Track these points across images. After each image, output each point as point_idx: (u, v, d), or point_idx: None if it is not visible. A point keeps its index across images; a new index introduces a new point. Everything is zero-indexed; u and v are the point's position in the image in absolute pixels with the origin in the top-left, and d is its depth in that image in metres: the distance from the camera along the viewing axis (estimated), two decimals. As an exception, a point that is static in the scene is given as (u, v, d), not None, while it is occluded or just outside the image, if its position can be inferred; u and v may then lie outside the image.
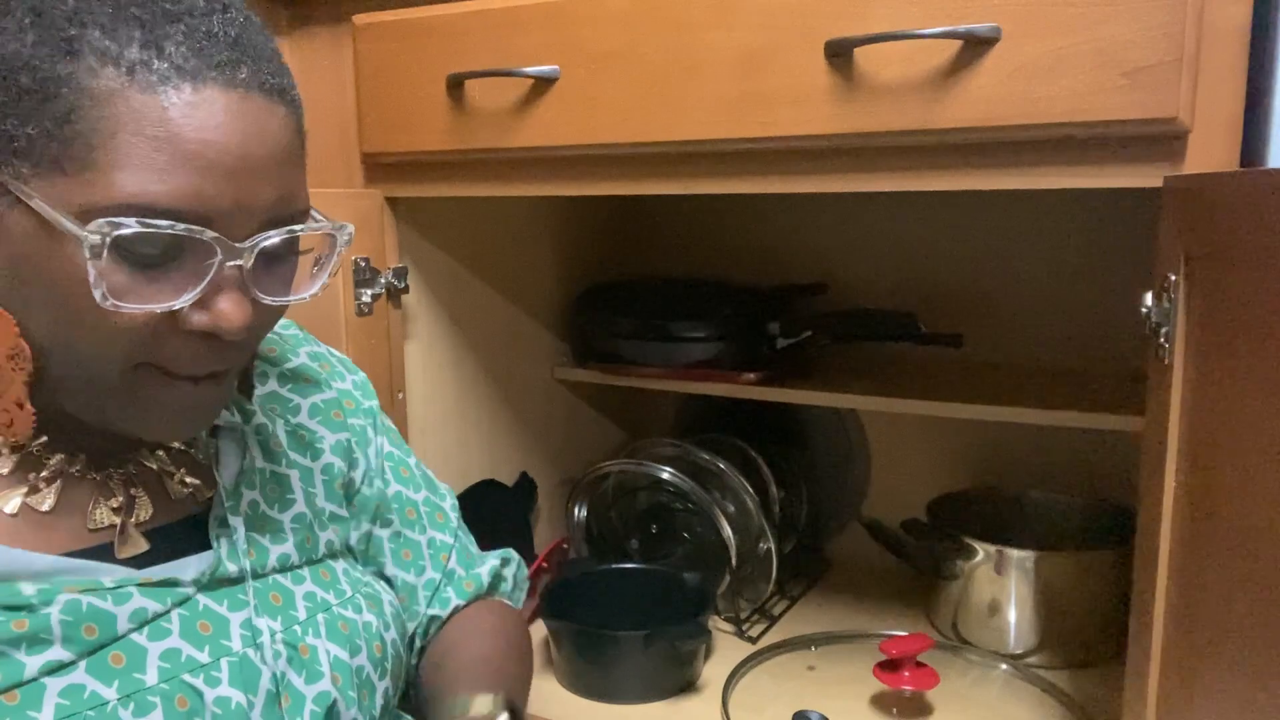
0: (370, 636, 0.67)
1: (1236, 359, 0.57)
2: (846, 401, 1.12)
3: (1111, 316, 1.17)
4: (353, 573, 0.71)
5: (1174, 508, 0.65)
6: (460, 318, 1.16)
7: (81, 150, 0.48)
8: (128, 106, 0.48)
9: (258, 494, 0.67)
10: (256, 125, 0.51)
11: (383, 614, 0.69)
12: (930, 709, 0.98)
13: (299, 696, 0.61)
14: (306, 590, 0.66)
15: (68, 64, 0.48)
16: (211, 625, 0.59)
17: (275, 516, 0.67)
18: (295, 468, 0.70)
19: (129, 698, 0.54)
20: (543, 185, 0.94)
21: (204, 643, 0.59)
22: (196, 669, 0.57)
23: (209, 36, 0.51)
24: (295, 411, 0.73)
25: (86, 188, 0.49)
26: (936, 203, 1.26)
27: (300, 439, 0.72)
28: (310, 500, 0.70)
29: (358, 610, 0.67)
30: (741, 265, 1.39)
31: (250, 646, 0.60)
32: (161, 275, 0.51)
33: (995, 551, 1.08)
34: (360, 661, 0.65)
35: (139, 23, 0.49)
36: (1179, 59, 0.66)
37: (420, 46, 0.94)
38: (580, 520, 1.29)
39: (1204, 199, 0.61)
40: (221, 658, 0.59)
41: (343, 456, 0.74)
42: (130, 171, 0.48)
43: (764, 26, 0.78)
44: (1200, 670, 0.62)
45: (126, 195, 0.49)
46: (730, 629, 1.16)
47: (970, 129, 0.73)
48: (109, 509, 0.59)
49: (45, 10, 0.49)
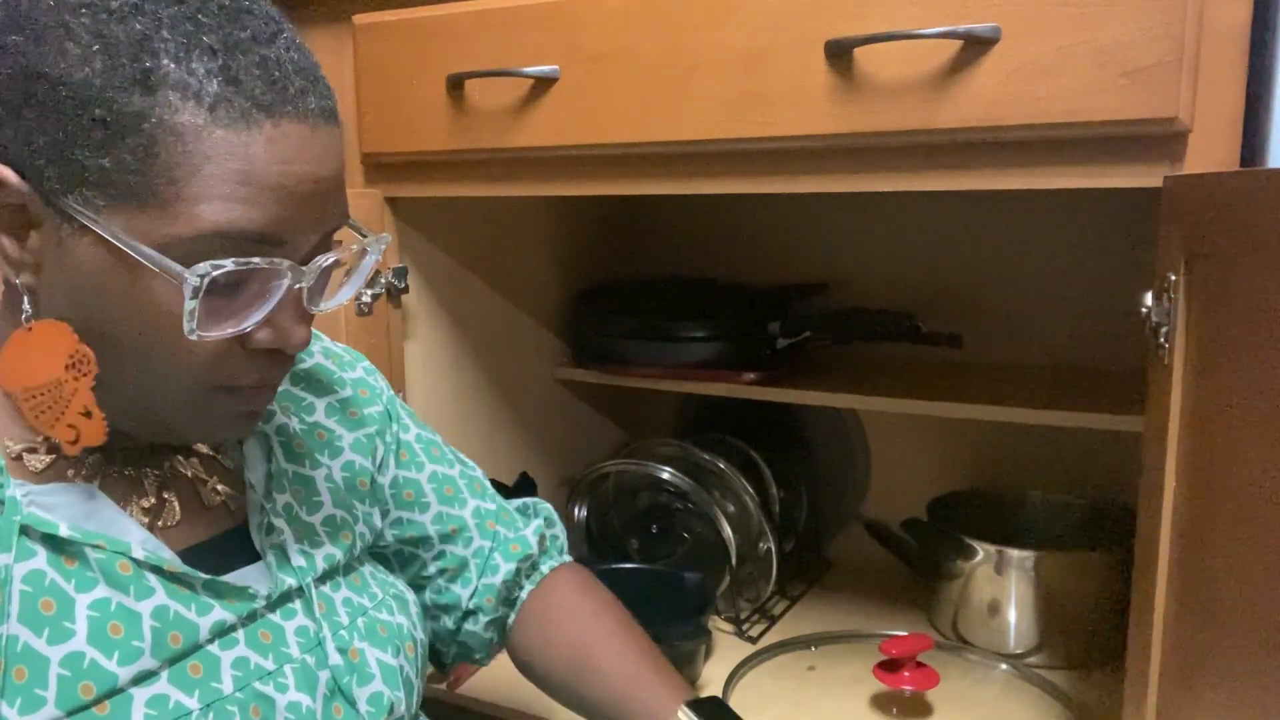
0: (404, 638, 0.68)
1: (1236, 359, 0.57)
2: (846, 401, 1.12)
3: (1111, 316, 1.17)
4: (379, 575, 0.72)
5: (1174, 508, 0.65)
6: (460, 318, 1.16)
7: (164, 184, 0.49)
8: (212, 142, 0.49)
9: (289, 498, 0.67)
10: (324, 151, 0.53)
11: (410, 615, 0.70)
12: (930, 709, 0.98)
13: (354, 699, 0.63)
14: (344, 596, 0.66)
15: (145, 98, 0.48)
16: (271, 634, 0.61)
17: (308, 520, 0.67)
18: (320, 467, 0.70)
19: (209, 707, 0.55)
20: (543, 185, 0.94)
21: (267, 651, 0.60)
22: (265, 677, 0.59)
23: (279, 66, 0.52)
24: (311, 410, 0.73)
25: (170, 220, 0.50)
26: (936, 202, 1.26)
27: (319, 438, 0.72)
28: (338, 500, 0.70)
29: (391, 613, 0.69)
30: (741, 265, 1.39)
31: (307, 653, 0.62)
32: (231, 299, 0.53)
33: (995, 551, 1.08)
34: (401, 662, 0.67)
35: (211, 52, 0.50)
36: (1179, 59, 0.66)
37: (420, 46, 0.94)
38: (580, 520, 1.29)
39: (1204, 199, 0.61)
40: (285, 664, 0.60)
41: (365, 454, 0.74)
42: (215, 204, 0.50)
43: (764, 26, 0.78)
44: (1200, 670, 0.62)
45: (210, 226, 0.50)
46: (730, 629, 1.16)
47: (970, 129, 0.73)
48: (140, 508, 0.59)
49: (110, 36, 0.49)
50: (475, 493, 0.82)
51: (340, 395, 0.75)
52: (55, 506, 0.54)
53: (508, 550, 0.81)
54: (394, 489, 0.77)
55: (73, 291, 0.53)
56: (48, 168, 0.50)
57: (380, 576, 0.72)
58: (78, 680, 0.51)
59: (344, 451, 0.73)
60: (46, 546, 0.53)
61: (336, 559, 0.67)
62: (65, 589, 0.53)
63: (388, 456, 0.77)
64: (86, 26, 0.49)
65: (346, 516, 0.70)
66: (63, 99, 0.49)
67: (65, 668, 0.51)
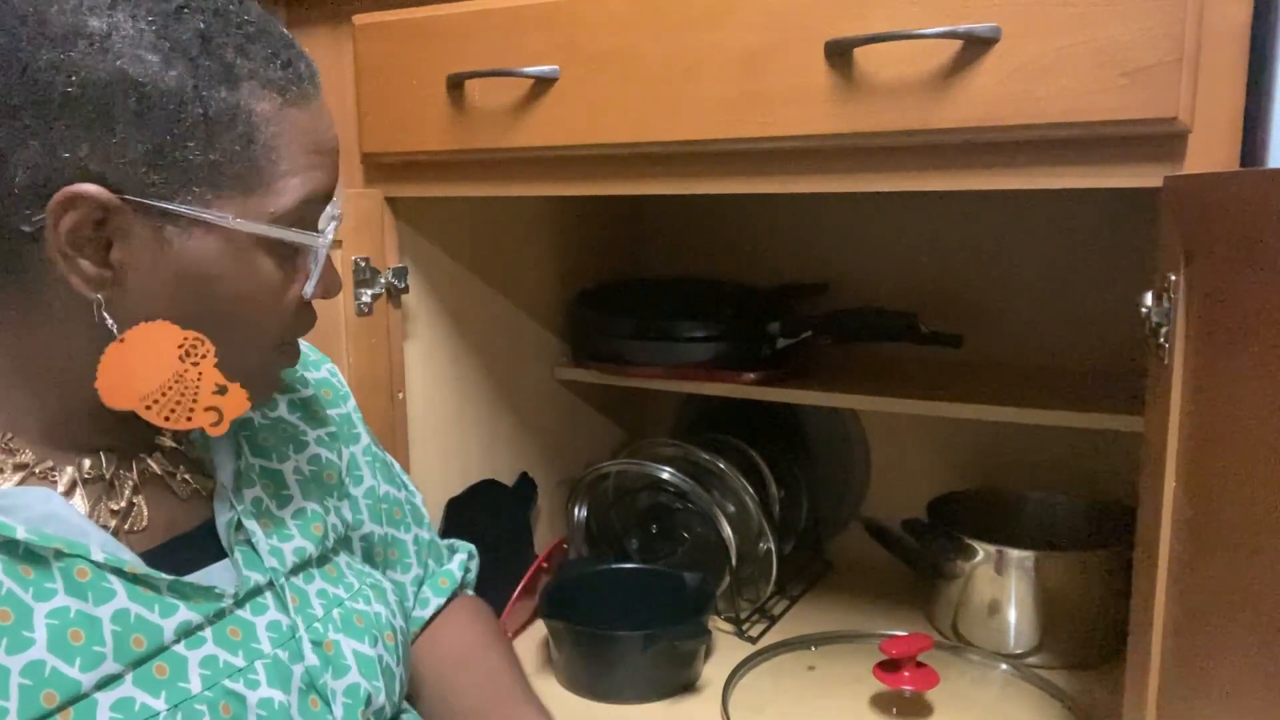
0: (382, 627, 0.68)
1: (1236, 359, 0.57)
2: (846, 401, 1.12)
3: (1111, 316, 1.17)
4: (355, 565, 0.72)
5: (1174, 508, 0.65)
6: (460, 318, 1.16)
7: (266, 166, 0.55)
8: (289, 121, 0.56)
9: (259, 491, 0.67)
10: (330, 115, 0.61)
11: (388, 603, 0.70)
12: (930, 709, 0.98)
13: (331, 692, 0.62)
14: (319, 588, 0.66)
15: (232, 92, 0.53)
16: (240, 630, 0.60)
17: (277, 514, 0.67)
18: (287, 460, 0.71)
19: (176, 708, 0.55)
20: (543, 185, 0.94)
21: (237, 648, 0.59)
22: (235, 674, 0.58)
23: (292, 46, 0.58)
24: (274, 406, 0.73)
25: (275, 197, 0.56)
26: (936, 203, 1.26)
27: (283, 433, 0.72)
28: (306, 493, 0.70)
29: (368, 602, 0.68)
30: (742, 265, 1.39)
31: (279, 647, 0.61)
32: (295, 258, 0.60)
33: (995, 551, 1.08)
34: (379, 651, 0.66)
35: (254, 39, 0.55)
36: (1179, 59, 0.66)
37: (420, 46, 0.94)
38: (580, 520, 1.29)
39: (1204, 199, 0.61)
40: (256, 660, 0.60)
41: (328, 448, 0.75)
42: (301, 175, 0.57)
43: (764, 26, 0.78)
44: (1200, 670, 0.62)
45: (303, 195, 0.57)
46: (730, 629, 1.16)
47: (970, 129, 0.73)
48: (109, 510, 0.59)
49: (177, 38, 0.52)
50: (418, 520, 0.85)
51: (302, 394, 0.76)
52: (14, 509, 0.53)
53: (437, 585, 0.85)
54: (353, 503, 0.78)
55: (173, 287, 0.55)
56: (149, 174, 0.52)
57: (356, 566, 0.72)
58: (39, 689, 0.50)
59: (309, 445, 0.73)
60: (4, 553, 0.52)
61: (308, 552, 0.67)
62: (23, 598, 0.52)
63: (354, 465, 0.79)
64: (155, 31, 0.51)
65: (317, 508, 0.70)
66: (158, 105, 0.51)
67: (26, 677, 0.50)
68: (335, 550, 0.71)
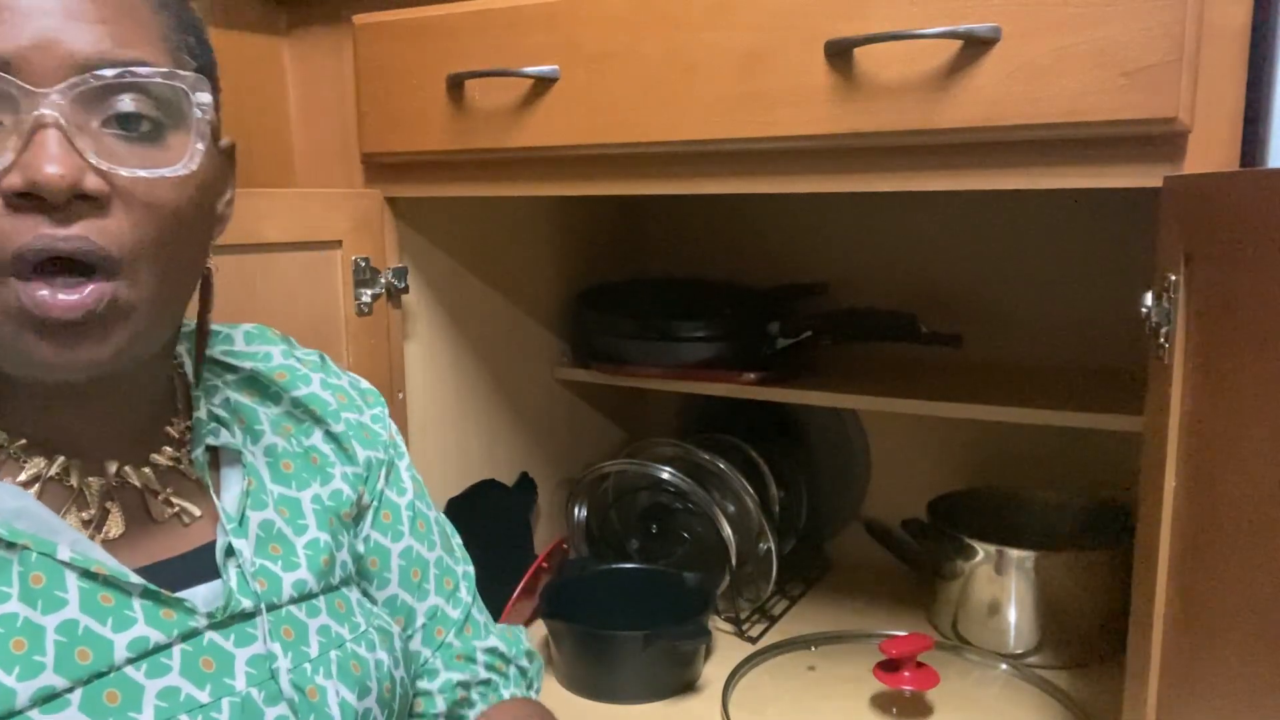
0: (381, 676, 0.63)
1: (1236, 359, 0.57)
2: (846, 401, 1.12)
3: (1111, 316, 1.17)
4: (365, 603, 0.68)
5: (1174, 508, 0.65)
6: (460, 318, 1.16)
7: None
8: None
9: (271, 515, 0.64)
10: None
11: (393, 650, 0.66)
12: (930, 709, 0.98)
13: None
14: (321, 624, 0.62)
15: None
16: (215, 662, 0.56)
17: (290, 539, 0.63)
18: (307, 488, 0.67)
19: None
20: (543, 185, 0.94)
21: (206, 681, 0.55)
22: (195, 710, 0.53)
23: None
24: (308, 433, 0.70)
25: None
26: (936, 203, 1.26)
27: (313, 462, 0.69)
28: (323, 524, 0.66)
29: (370, 647, 0.64)
30: (741, 265, 1.39)
31: (255, 686, 0.56)
32: None
33: (995, 551, 1.08)
34: (369, 704, 0.62)
35: None
36: (1179, 59, 0.66)
37: (420, 46, 0.94)
38: (580, 520, 1.29)
39: (1204, 199, 0.61)
40: (223, 698, 0.55)
41: (353, 487, 0.71)
42: None
43: (764, 26, 0.78)
44: (1200, 670, 0.62)
45: None
46: (730, 629, 1.16)
47: (970, 129, 0.73)
48: (80, 519, 0.55)
49: None
50: (441, 590, 0.77)
51: (333, 429, 0.72)
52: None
53: (450, 659, 0.75)
54: (364, 549, 0.73)
55: None
56: None
57: (367, 605, 0.67)
58: None
59: (334, 479, 0.70)
60: None
61: (308, 585, 0.62)
62: None
63: (370, 509, 0.73)
64: None
65: (330, 541, 0.66)
66: None
67: None
68: (348, 583, 0.67)
